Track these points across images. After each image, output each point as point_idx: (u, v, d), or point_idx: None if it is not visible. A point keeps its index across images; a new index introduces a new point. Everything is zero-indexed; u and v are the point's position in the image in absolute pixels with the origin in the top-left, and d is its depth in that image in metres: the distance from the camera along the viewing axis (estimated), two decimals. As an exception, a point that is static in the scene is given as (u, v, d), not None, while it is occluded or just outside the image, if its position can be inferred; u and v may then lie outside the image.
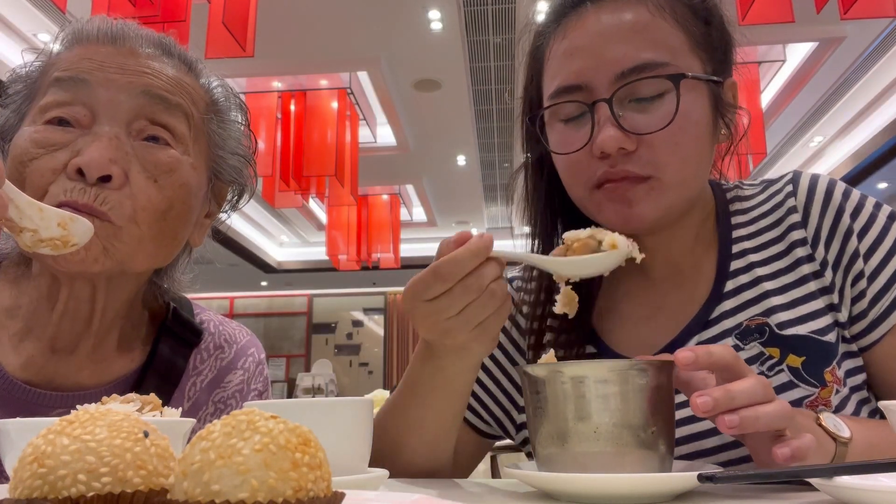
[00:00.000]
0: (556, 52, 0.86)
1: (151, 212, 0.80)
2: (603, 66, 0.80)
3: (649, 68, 0.79)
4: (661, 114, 0.79)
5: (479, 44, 5.52)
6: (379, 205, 8.63)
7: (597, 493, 0.61)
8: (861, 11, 3.45)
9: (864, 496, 0.51)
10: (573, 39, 0.83)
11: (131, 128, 0.80)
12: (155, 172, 0.80)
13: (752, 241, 0.90)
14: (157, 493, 0.39)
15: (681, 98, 0.78)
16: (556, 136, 0.86)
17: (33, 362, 0.84)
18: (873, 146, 6.69)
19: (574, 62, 0.82)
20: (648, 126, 0.79)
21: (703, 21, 0.84)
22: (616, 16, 0.82)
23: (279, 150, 5.97)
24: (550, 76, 0.86)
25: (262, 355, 1.06)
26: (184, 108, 0.84)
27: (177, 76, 0.85)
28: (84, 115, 0.79)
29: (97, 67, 0.81)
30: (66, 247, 0.66)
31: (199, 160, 0.86)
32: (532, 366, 0.68)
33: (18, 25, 5.00)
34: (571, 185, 0.86)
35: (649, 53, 0.79)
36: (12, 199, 0.61)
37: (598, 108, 0.80)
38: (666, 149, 0.79)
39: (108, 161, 0.76)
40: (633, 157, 0.79)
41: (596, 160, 0.81)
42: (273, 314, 13.39)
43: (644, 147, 0.79)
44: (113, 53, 0.82)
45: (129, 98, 0.80)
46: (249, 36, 3.84)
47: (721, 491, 0.69)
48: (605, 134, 0.79)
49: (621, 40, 0.80)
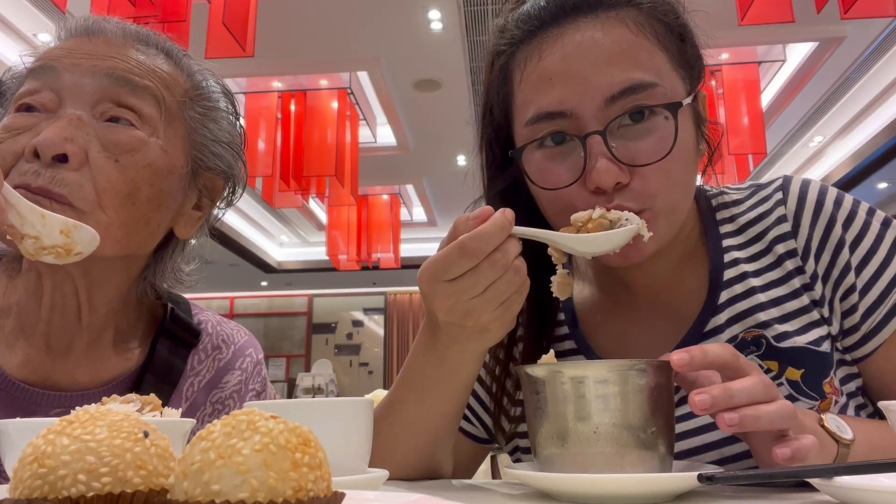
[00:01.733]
0: (529, 75, 0.79)
1: (114, 194, 0.78)
2: (590, 92, 0.75)
3: (639, 90, 0.74)
4: (656, 142, 0.75)
5: (479, 44, 5.52)
6: (379, 205, 8.63)
7: (597, 493, 0.61)
8: (861, 11, 3.45)
9: (864, 496, 0.51)
10: (550, 63, 0.77)
11: (95, 110, 0.80)
12: (116, 152, 0.79)
13: (743, 251, 0.87)
14: (157, 493, 0.39)
15: (678, 127, 0.75)
16: (537, 168, 0.80)
17: (30, 361, 0.84)
18: (873, 146, 6.69)
19: (554, 88, 0.76)
20: (644, 157, 0.75)
21: (679, 38, 0.81)
22: (597, 36, 0.76)
23: (279, 150, 5.97)
24: (524, 100, 0.80)
25: (260, 355, 1.06)
26: (152, 91, 0.83)
27: (148, 61, 0.85)
28: (50, 99, 0.79)
29: (65, 55, 0.81)
30: (70, 255, 0.66)
31: (172, 145, 0.85)
32: (532, 366, 0.68)
33: (18, 25, 5.00)
34: (561, 219, 0.79)
35: (636, 73, 0.75)
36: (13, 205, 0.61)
37: (590, 140, 0.75)
38: (658, 178, 0.75)
39: (62, 139, 0.75)
40: (627, 191, 0.75)
41: (587, 194, 0.76)
42: (273, 314, 13.38)
43: (637, 178, 0.75)
44: (85, 43, 0.83)
45: (93, 81, 0.80)
46: (249, 36, 3.84)
47: (721, 491, 0.69)
48: (600, 168, 0.74)
49: (606, 62, 0.75)
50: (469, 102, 6.42)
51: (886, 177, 7.37)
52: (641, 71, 0.75)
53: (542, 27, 0.79)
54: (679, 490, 0.62)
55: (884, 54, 5.63)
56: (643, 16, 0.78)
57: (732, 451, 0.81)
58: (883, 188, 7.88)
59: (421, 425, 0.84)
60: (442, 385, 0.80)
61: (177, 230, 0.90)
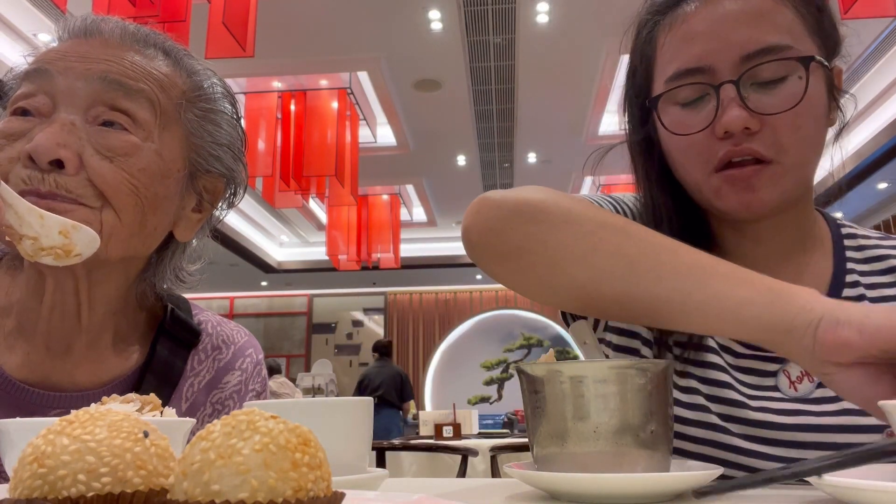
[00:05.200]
0: (673, 37, 0.85)
1: (114, 193, 0.78)
2: (727, 49, 0.80)
3: (774, 51, 0.79)
4: (786, 95, 0.80)
5: (479, 44, 5.52)
6: (379, 205, 8.63)
7: (597, 493, 0.61)
8: (861, 11, 3.45)
9: (864, 496, 0.51)
10: (694, 24, 0.83)
11: (89, 114, 0.79)
12: (109, 155, 0.78)
13: (865, 277, 0.89)
14: (157, 493, 0.39)
15: (809, 80, 0.79)
16: (672, 119, 0.85)
17: (29, 361, 0.84)
18: (873, 146, 6.69)
19: (695, 45, 0.82)
20: (774, 107, 0.79)
21: (817, 8, 0.85)
22: (737, 2, 0.82)
23: (279, 150, 5.97)
24: (666, 60, 0.86)
25: (261, 356, 1.06)
26: (147, 94, 0.82)
27: (146, 63, 0.84)
28: (44, 103, 0.79)
29: (60, 57, 0.81)
30: (69, 256, 0.65)
31: (168, 148, 0.84)
32: (530, 365, 0.68)
33: (18, 25, 5.00)
34: (689, 167, 0.85)
35: (773, 37, 0.80)
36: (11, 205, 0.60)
37: (723, 90, 0.80)
38: (789, 131, 0.80)
39: (55, 145, 0.75)
40: (757, 138, 0.80)
41: (717, 141, 0.81)
42: (273, 314, 13.38)
43: (767, 129, 0.80)
44: (80, 44, 0.82)
45: (86, 84, 0.79)
46: (249, 36, 3.84)
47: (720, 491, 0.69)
48: (731, 113, 0.79)
49: (745, 24, 0.80)
50: (469, 102, 6.42)
51: (886, 177, 7.37)
52: (778, 34, 0.80)
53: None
54: (678, 490, 0.62)
55: (884, 54, 5.63)
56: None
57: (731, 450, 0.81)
58: (883, 188, 7.88)
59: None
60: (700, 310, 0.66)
61: (176, 233, 0.90)
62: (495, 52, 5.64)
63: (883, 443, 0.54)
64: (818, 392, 0.82)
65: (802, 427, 0.80)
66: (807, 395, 0.82)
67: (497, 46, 5.55)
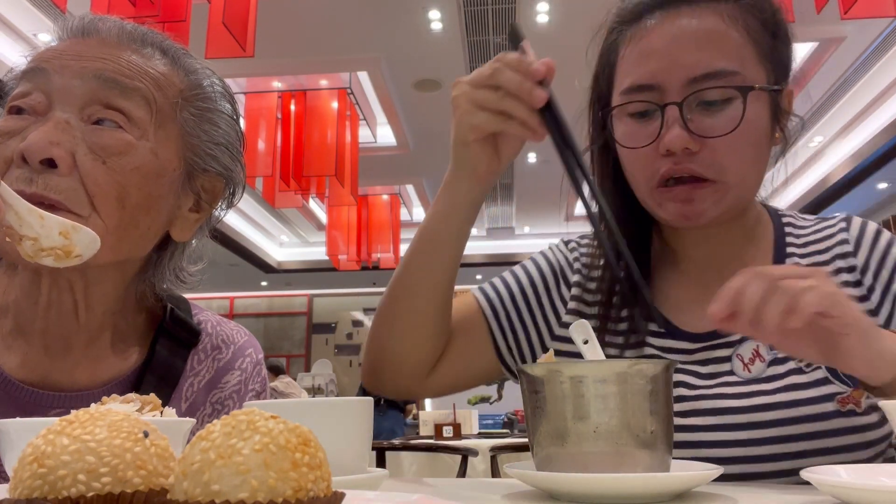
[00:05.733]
0: (632, 51, 0.90)
1: (104, 197, 0.77)
2: (676, 70, 0.85)
3: (720, 76, 0.84)
4: (726, 119, 0.84)
5: (479, 44, 5.52)
6: (379, 205, 8.63)
7: (597, 493, 0.61)
8: (861, 11, 3.45)
9: (864, 496, 0.51)
10: (651, 40, 0.88)
11: (84, 113, 0.78)
12: (103, 154, 0.78)
13: (804, 259, 0.94)
14: (157, 493, 0.39)
15: (746, 108, 0.84)
16: (623, 130, 0.91)
17: (28, 361, 0.84)
18: (873, 146, 6.69)
19: (650, 63, 0.87)
20: (714, 130, 0.84)
21: (771, 34, 0.90)
22: (692, 23, 0.86)
23: (279, 150, 5.96)
24: (624, 72, 0.90)
25: (260, 356, 1.05)
26: (143, 92, 0.81)
27: (142, 62, 0.83)
28: (40, 102, 0.78)
29: (56, 56, 0.80)
30: (70, 257, 0.65)
31: (164, 147, 0.83)
32: (530, 365, 0.68)
33: (18, 25, 5.00)
34: (636, 177, 0.91)
35: (721, 62, 0.84)
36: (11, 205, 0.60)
37: (668, 110, 0.85)
38: (727, 152, 0.85)
39: (47, 143, 0.74)
40: (696, 158, 0.85)
41: (661, 157, 0.86)
42: (273, 314, 13.38)
43: (707, 150, 0.85)
44: (78, 43, 0.82)
45: (82, 83, 0.78)
46: (249, 36, 3.84)
47: (721, 491, 0.69)
48: (672, 133, 0.84)
49: (696, 47, 0.85)
50: (469, 102, 6.41)
51: (886, 177, 7.37)
52: (726, 59, 0.85)
53: (650, 11, 0.90)
54: (679, 490, 0.62)
55: (884, 54, 5.63)
56: (739, 10, 0.87)
57: (727, 453, 0.82)
58: (883, 188, 7.88)
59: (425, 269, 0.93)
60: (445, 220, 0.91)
61: (173, 233, 0.89)
62: (495, 52, 5.61)
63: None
64: (770, 370, 0.86)
65: (758, 407, 0.84)
66: (759, 374, 0.87)
67: (497, 46, 5.54)
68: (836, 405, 0.82)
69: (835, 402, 0.82)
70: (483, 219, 9.96)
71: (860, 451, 0.81)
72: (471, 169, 0.89)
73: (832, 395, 0.82)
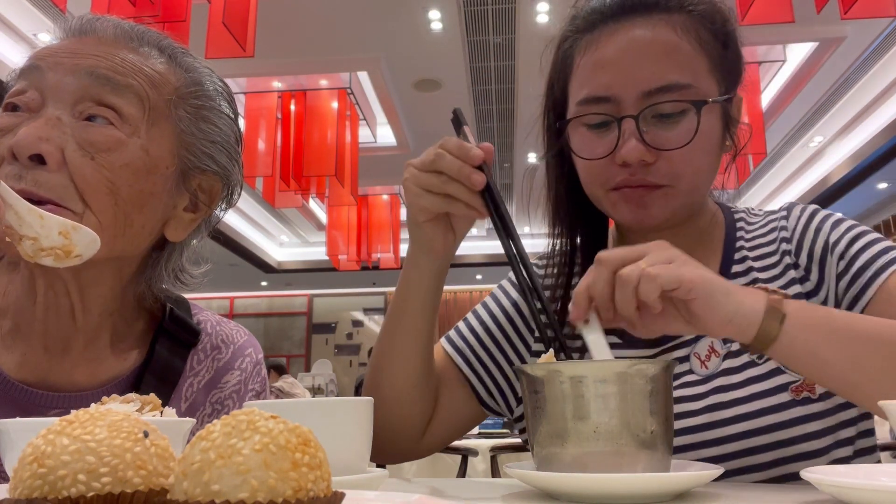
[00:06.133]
0: (586, 61, 0.91)
1: (93, 193, 0.77)
2: (631, 83, 0.86)
3: (674, 90, 0.85)
4: (681, 132, 0.86)
5: (479, 44, 5.52)
6: (379, 205, 8.63)
7: (597, 493, 0.61)
8: (861, 11, 3.45)
9: (864, 496, 0.51)
10: (605, 52, 0.89)
11: (76, 109, 0.78)
12: (91, 150, 0.77)
13: (752, 252, 0.96)
14: (157, 493, 0.39)
15: (700, 120, 0.86)
16: (580, 140, 0.92)
17: (27, 361, 0.84)
18: (873, 146, 6.69)
19: (604, 74, 0.88)
20: (669, 143, 0.86)
21: (722, 44, 0.91)
22: (647, 35, 0.87)
23: (279, 150, 5.96)
24: (579, 83, 0.91)
25: (260, 355, 1.05)
26: (135, 90, 0.81)
27: (138, 59, 0.83)
28: (34, 99, 0.78)
29: (51, 54, 0.80)
30: (69, 257, 0.65)
31: (156, 144, 0.83)
32: (530, 365, 0.68)
33: (18, 25, 5.00)
34: (590, 184, 0.93)
35: (675, 75, 0.86)
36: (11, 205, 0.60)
37: (624, 122, 0.87)
38: (682, 162, 0.87)
39: (36, 139, 0.74)
40: (652, 169, 0.87)
41: (617, 167, 0.88)
42: (273, 314, 13.39)
43: (662, 160, 0.87)
44: (74, 42, 0.82)
45: (74, 79, 0.79)
46: (249, 36, 3.84)
47: (721, 491, 0.69)
48: (629, 146, 0.86)
49: (650, 60, 0.86)
50: (469, 102, 6.41)
51: (886, 177, 7.37)
52: (678, 72, 0.86)
53: (604, 21, 0.91)
54: (678, 490, 0.62)
55: (884, 54, 5.63)
56: (691, 21, 0.88)
57: (725, 450, 0.82)
58: (883, 188, 7.88)
59: (400, 340, 0.94)
60: (412, 293, 0.93)
61: (167, 233, 0.88)
62: (495, 52, 5.64)
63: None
64: (726, 364, 0.87)
65: (715, 406, 0.85)
66: (716, 370, 0.88)
67: (497, 46, 5.55)
68: (791, 394, 0.83)
69: (789, 392, 0.83)
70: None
71: (820, 438, 0.82)
72: (428, 246, 0.90)
73: (786, 384, 0.83)
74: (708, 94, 0.88)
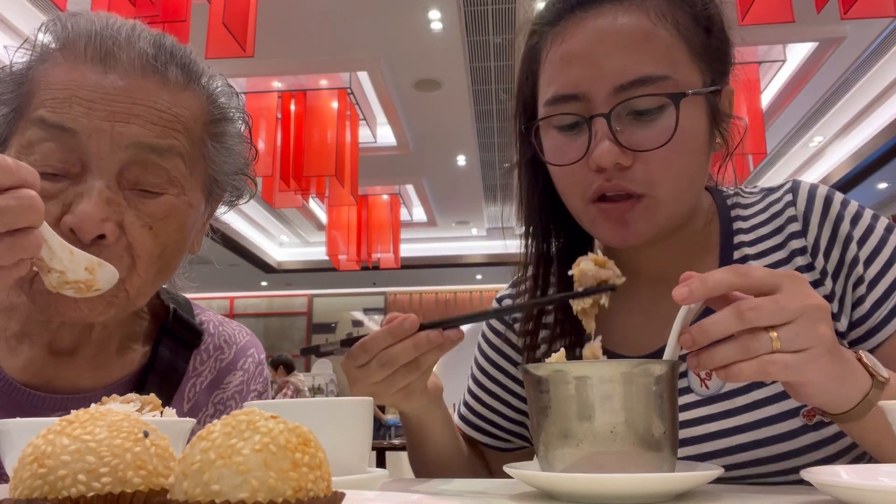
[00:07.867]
0: (553, 56, 0.82)
1: (147, 258, 0.79)
2: (601, 78, 0.78)
3: (649, 82, 0.76)
4: (659, 130, 0.77)
5: (479, 44, 5.52)
6: (379, 205, 8.62)
7: (598, 492, 0.61)
8: (861, 11, 3.45)
9: (865, 496, 0.51)
10: (571, 44, 0.80)
11: (122, 178, 0.77)
12: (149, 221, 0.78)
13: (753, 247, 0.88)
14: (157, 493, 0.39)
15: (679, 115, 0.77)
16: (550, 144, 0.84)
17: (32, 365, 0.83)
18: (873, 146, 6.69)
19: (572, 70, 0.80)
20: (646, 143, 0.77)
21: (704, 29, 0.82)
22: (617, 23, 0.78)
23: (279, 150, 5.96)
24: (546, 81, 0.83)
25: (262, 356, 1.05)
26: (177, 149, 0.80)
27: (171, 104, 0.79)
28: (73, 164, 0.75)
29: (84, 113, 0.75)
30: (90, 291, 0.68)
31: (194, 192, 0.84)
32: (535, 365, 0.68)
33: (18, 25, 4.99)
34: (567, 194, 0.86)
35: (649, 66, 0.77)
36: (46, 241, 0.62)
37: (595, 122, 0.78)
38: (661, 165, 0.78)
39: (99, 221, 0.74)
40: (629, 173, 0.78)
41: (591, 172, 0.80)
42: (273, 314, 13.38)
43: (639, 163, 0.78)
44: (101, 84, 0.76)
45: (118, 151, 0.76)
46: (249, 36, 3.84)
47: (722, 491, 0.69)
48: (601, 149, 0.77)
49: (621, 50, 0.77)
50: (469, 102, 6.41)
51: (886, 177, 7.37)
52: (654, 63, 0.77)
53: (570, 10, 0.82)
54: (681, 490, 0.62)
55: (884, 54, 5.63)
56: (667, 5, 0.79)
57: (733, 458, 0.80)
58: (883, 188, 7.88)
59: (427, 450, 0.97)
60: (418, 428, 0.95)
61: (190, 249, 0.90)
62: (495, 52, 5.64)
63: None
64: (729, 384, 0.81)
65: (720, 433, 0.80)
66: (718, 390, 0.82)
67: (497, 46, 5.55)
68: (802, 420, 0.77)
69: (801, 417, 0.77)
70: (483, 219, 9.97)
71: (833, 462, 0.77)
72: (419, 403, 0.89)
73: (797, 409, 0.77)
74: (689, 85, 0.78)
